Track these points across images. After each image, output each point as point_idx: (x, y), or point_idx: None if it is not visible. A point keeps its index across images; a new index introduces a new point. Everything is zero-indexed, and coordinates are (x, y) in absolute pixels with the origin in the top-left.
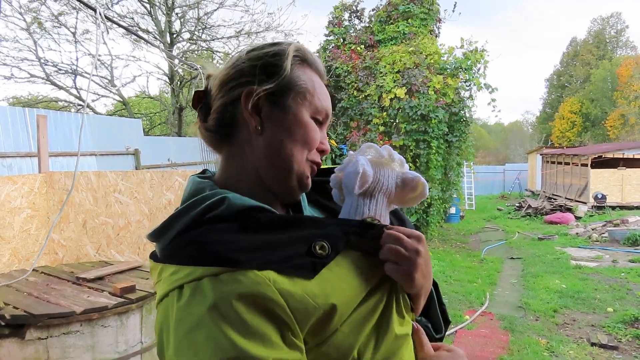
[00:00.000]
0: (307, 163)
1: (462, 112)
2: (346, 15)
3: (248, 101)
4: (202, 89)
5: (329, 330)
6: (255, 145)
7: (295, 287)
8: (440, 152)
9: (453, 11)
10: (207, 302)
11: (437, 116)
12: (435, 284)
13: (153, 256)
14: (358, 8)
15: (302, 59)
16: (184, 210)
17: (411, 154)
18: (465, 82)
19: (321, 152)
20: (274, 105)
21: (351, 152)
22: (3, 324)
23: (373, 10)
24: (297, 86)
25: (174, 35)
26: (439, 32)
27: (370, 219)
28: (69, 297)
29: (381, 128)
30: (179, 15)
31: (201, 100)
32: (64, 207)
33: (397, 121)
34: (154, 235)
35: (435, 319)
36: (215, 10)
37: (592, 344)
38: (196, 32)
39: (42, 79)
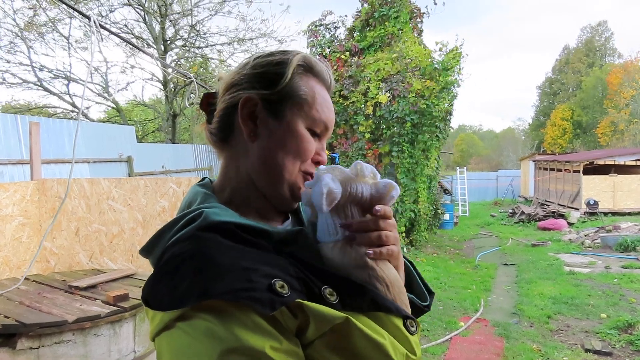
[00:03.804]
0: (300, 174)
1: (431, 109)
2: (324, 31)
3: (244, 107)
4: (213, 91)
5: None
6: (249, 151)
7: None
8: (412, 155)
9: (435, 3)
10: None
11: (412, 119)
12: (410, 262)
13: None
14: (327, 22)
15: (307, 68)
16: (170, 225)
17: (392, 158)
18: (445, 86)
19: (317, 163)
20: (269, 113)
21: (321, 167)
22: None
23: (356, 14)
24: (296, 96)
25: (168, 42)
26: (422, 29)
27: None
28: (61, 306)
29: (367, 136)
30: (173, 22)
31: (210, 102)
32: (57, 215)
33: (382, 127)
34: (145, 251)
35: (418, 290)
36: (208, 18)
37: (586, 350)
38: (189, 39)
39: (35, 84)
